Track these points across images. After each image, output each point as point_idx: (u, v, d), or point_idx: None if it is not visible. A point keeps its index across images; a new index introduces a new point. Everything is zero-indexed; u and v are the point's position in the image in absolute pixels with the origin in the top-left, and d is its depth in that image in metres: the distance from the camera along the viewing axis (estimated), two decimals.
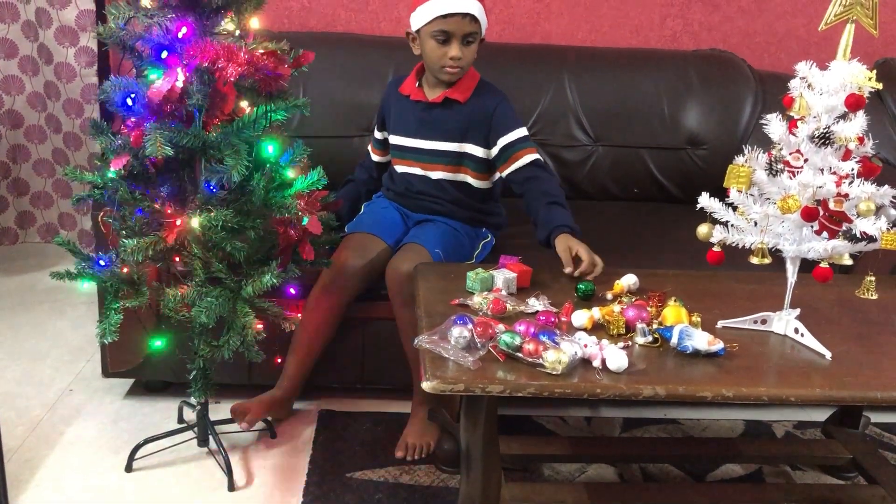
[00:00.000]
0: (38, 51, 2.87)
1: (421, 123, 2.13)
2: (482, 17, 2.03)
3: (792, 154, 1.47)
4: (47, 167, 3.04)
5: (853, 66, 1.44)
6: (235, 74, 1.55)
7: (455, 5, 1.98)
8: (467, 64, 2.06)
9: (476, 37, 2.04)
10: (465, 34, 2.01)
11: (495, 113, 2.08)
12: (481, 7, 2.02)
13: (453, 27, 1.99)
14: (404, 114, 2.15)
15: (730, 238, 1.52)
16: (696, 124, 2.70)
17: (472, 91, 2.11)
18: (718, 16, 2.98)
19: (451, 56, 2.02)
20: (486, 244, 2.21)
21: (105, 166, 1.69)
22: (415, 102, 2.14)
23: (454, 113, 2.10)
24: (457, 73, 2.06)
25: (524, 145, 2.09)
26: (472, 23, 2.00)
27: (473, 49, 2.05)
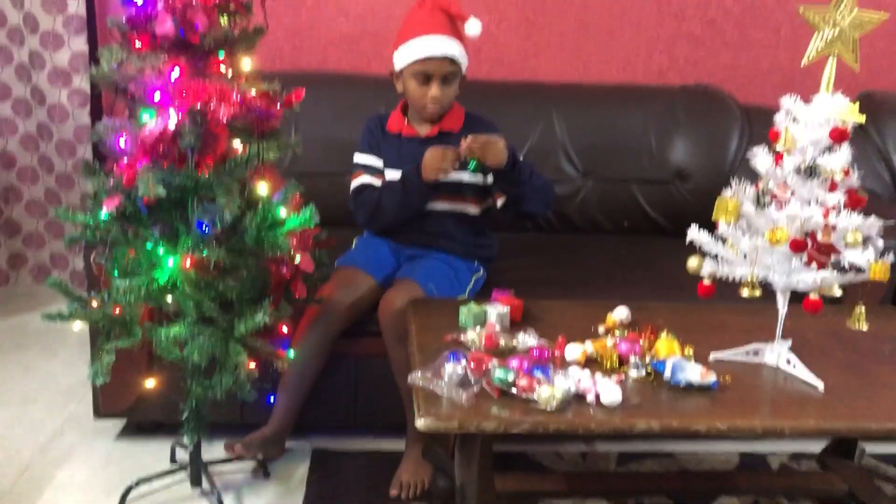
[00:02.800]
0: (31, 93, 2.90)
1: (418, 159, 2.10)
2: (462, 58, 2.07)
3: (779, 186, 1.49)
4: (39, 208, 3.05)
5: (836, 100, 1.47)
6: (228, 115, 1.56)
7: (434, 49, 2.03)
8: (448, 101, 2.12)
9: (456, 76, 2.09)
10: (444, 74, 2.06)
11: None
12: (461, 48, 2.07)
13: (433, 68, 2.05)
14: (398, 151, 2.15)
15: (720, 271, 1.53)
16: (684, 158, 2.73)
17: (462, 121, 2.16)
18: (703, 51, 3.03)
19: (432, 96, 2.07)
20: (479, 279, 2.21)
21: (97, 207, 1.69)
22: (408, 140, 2.16)
23: (451, 144, 2.09)
24: (437, 110, 2.11)
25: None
26: (451, 64, 2.06)
27: (454, 88, 2.11)
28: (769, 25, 3.02)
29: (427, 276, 2.05)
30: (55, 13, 2.78)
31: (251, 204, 1.71)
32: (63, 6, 2.77)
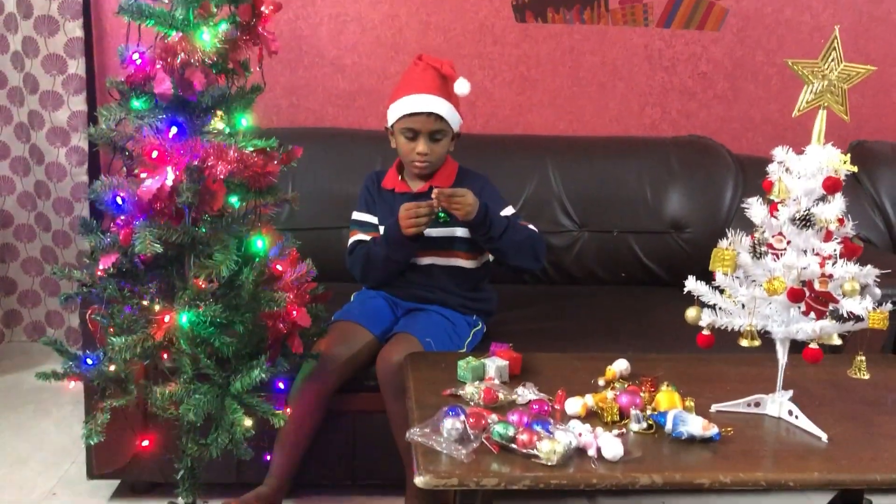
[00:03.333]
0: (29, 152, 2.92)
1: None
2: (450, 115, 2.10)
3: (775, 236, 1.49)
4: (36, 265, 3.04)
5: (828, 150, 1.48)
6: (225, 172, 1.57)
7: (420, 105, 2.07)
8: (437, 158, 2.13)
9: (444, 133, 2.11)
10: (431, 131, 2.08)
11: (482, 195, 2.10)
12: (450, 106, 2.10)
13: (419, 125, 2.08)
14: (391, 207, 2.16)
15: (718, 321, 1.53)
16: (679, 208, 2.74)
17: (454, 177, 2.18)
18: (695, 103, 3.08)
19: (418, 151, 2.10)
20: (478, 332, 2.20)
21: (94, 264, 1.69)
22: (400, 195, 2.18)
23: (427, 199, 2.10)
24: (426, 167, 2.13)
25: (517, 220, 2.16)
26: (438, 121, 2.08)
27: (443, 144, 2.13)
28: (759, 78, 3.07)
29: (425, 330, 2.04)
30: (55, 74, 2.81)
31: (248, 259, 1.70)
32: (63, 67, 2.81)
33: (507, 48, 2.98)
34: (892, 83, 3.10)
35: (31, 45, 2.80)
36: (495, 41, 2.97)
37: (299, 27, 2.92)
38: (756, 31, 3.02)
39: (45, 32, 2.78)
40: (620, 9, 2.97)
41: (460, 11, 2.93)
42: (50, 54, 2.80)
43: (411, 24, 2.93)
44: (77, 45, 2.80)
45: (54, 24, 2.77)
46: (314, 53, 2.95)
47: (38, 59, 2.80)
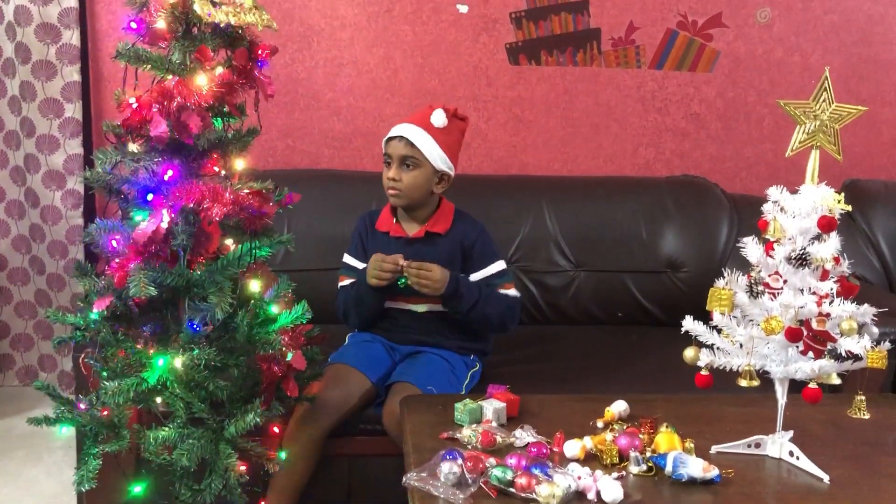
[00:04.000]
0: (25, 195, 2.92)
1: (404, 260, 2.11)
2: (421, 143, 2.06)
3: (771, 276, 1.49)
4: (29, 309, 3.03)
5: (822, 190, 1.49)
6: (220, 214, 1.57)
7: (394, 130, 2.09)
8: (408, 188, 2.09)
9: (415, 162, 2.07)
10: (401, 157, 2.07)
11: (475, 245, 2.14)
12: (423, 134, 2.06)
13: (391, 150, 2.09)
14: (385, 250, 2.13)
15: (716, 361, 1.52)
16: (675, 248, 2.75)
17: (451, 222, 2.17)
18: (689, 143, 3.10)
19: (388, 177, 2.08)
20: (475, 373, 2.18)
21: (88, 308, 1.68)
22: (395, 239, 2.16)
23: (436, 246, 2.13)
24: (397, 196, 2.10)
25: (502, 280, 2.16)
26: (408, 146, 2.06)
27: (415, 175, 2.08)
28: (751, 118, 3.10)
29: (425, 377, 2.02)
30: (52, 117, 2.83)
31: (243, 301, 1.70)
32: (60, 111, 2.82)
33: (502, 90, 3.01)
34: (882, 122, 3.14)
35: (28, 89, 2.82)
36: (489, 83, 3.00)
37: (295, 70, 2.94)
38: (747, 72, 3.06)
39: (42, 77, 2.80)
40: (613, 51, 3.01)
41: (455, 54, 2.97)
42: (47, 98, 2.82)
43: (406, 67, 2.96)
44: (74, 90, 2.81)
45: (52, 69, 2.80)
46: (310, 96, 2.97)
47: (35, 103, 2.82)
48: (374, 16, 2.93)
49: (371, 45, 2.95)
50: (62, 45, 2.78)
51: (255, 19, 1.65)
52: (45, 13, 2.75)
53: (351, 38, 2.94)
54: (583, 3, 2.96)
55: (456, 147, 2.15)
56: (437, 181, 2.13)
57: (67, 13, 2.76)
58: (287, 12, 2.89)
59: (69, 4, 2.75)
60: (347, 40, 2.94)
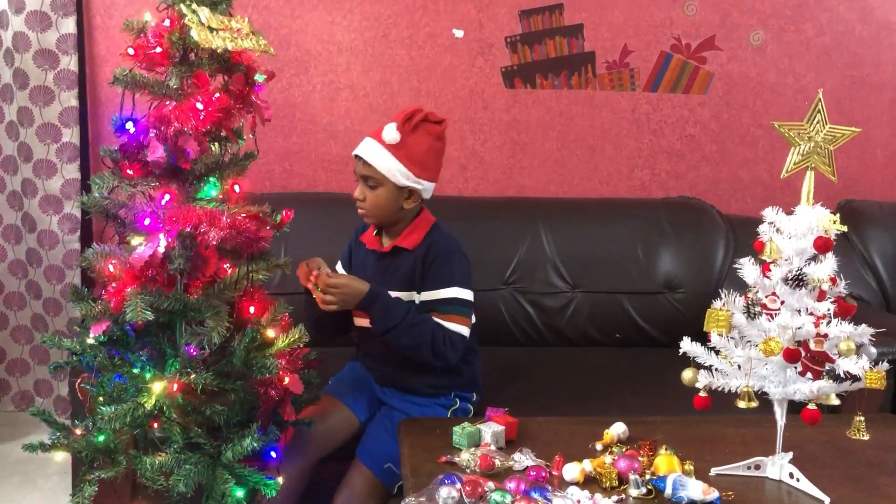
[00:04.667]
0: (22, 219, 2.92)
1: (374, 273, 2.06)
2: (377, 161, 1.95)
3: (768, 297, 1.49)
4: (25, 333, 3.01)
5: (817, 211, 1.50)
6: (217, 238, 1.57)
7: (356, 149, 2.01)
8: (371, 207, 1.99)
9: (376, 181, 1.96)
10: (363, 176, 1.99)
11: (433, 263, 1.99)
12: (380, 151, 1.95)
13: (356, 168, 2.01)
14: (360, 263, 2.11)
15: (715, 382, 1.51)
16: (672, 269, 2.75)
17: (421, 238, 2.03)
18: (684, 165, 3.11)
19: (354, 196, 2.02)
20: (458, 411, 2.07)
21: (84, 332, 1.68)
22: (369, 252, 2.10)
23: (402, 261, 2.03)
24: (365, 215, 2.03)
25: (450, 310, 1.96)
26: (366, 166, 1.97)
27: (378, 194, 1.97)
28: (746, 140, 3.11)
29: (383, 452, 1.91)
30: (49, 142, 2.84)
31: (240, 326, 1.69)
32: (57, 136, 2.83)
33: (497, 113, 3.03)
34: (876, 143, 3.16)
35: (26, 114, 2.82)
36: (485, 106, 3.02)
37: (293, 95, 2.96)
38: (741, 94, 3.08)
39: (40, 102, 2.81)
40: (607, 74, 3.03)
41: (451, 78, 2.99)
42: (44, 123, 2.83)
43: (403, 91, 2.98)
44: (72, 114, 2.82)
45: (49, 94, 2.81)
46: (307, 120, 2.98)
47: (32, 128, 2.83)
48: (370, 40, 2.95)
49: (368, 69, 2.97)
50: (60, 70, 2.79)
51: (253, 45, 1.66)
52: (43, 39, 2.77)
53: (348, 63, 2.96)
54: (577, 28, 2.99)
55: (427, 156, 1.99)
56: (405, 197, 2.00)
57: (66, 39, 2.78)
58: (284, 38, 2.91)
59: (68, 31, 2.77)
60: (344, 65, 2.96)
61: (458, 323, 1.96)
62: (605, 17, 2.99)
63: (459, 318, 1.96)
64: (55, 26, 2.76)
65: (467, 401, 2.11)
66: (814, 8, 3.04)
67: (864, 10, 3.06)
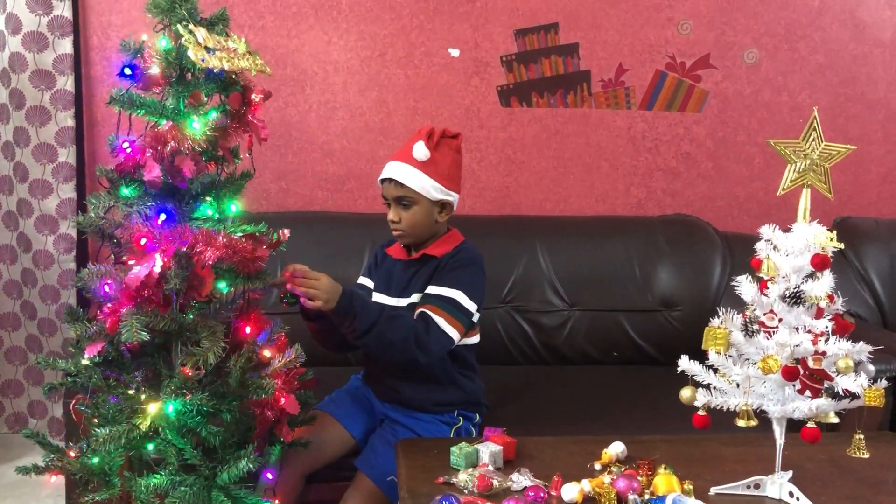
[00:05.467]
0: (17, 240, 2.91)
1: (400, 280, 2.08)
2: (410, 181, 1.98)
3: (766, 314, 1.49)
4: (20, 354, 3.00)
5: (814, 228, 1.50)
6: (213, 258, 1.57)
7: (385, 172, 2.03)
8: (408, 227, 2.02)
9: (412, 200, 2.00)
10: (396, 198, 2.01)
11: (448, 264, 2.02)
12: (411, 170, 1.98)
13: (386, 192, 2.04)
14: (386, 272, 2.12)
15: (713, 401, 1.51)
16: (669, 287, 2.75)
17: (450, 249, 2.06)
18: (680, 183, 3.12)
19: (389, 219, 2.04)
20: (461, 429, 2.07)
21: (79, 353, 1.66)
22: (396, 260, 2.11)
23: (428, 268, 2.05)
24: (401, 235, 2.05)
25: (446, 308, 1.95)
26: (398, 187, 1.99)
27: (414, 212, 2.01)
28: (742, 158, 3.13)
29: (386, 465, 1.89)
30: (45, 162, 2.83)
31: (236, 345, 1.68)
32: (54, 156, 2.83)
33: (493, 132, 3.03)
34: (871, 160, 3.17)
35: (22, 134, 2.83)
36: (481, 125, 3.03)
37: (289, 114, 2.96)
38: (737, 111, 3.10)
39: (36, 122, 2.81)
40: (603, 92, 3.05)
41: (447, 97, 3.00)
42: (41, 143, 2.83)
43: (399, 110, 2.99)
44: (68, 134, 2.83)
45: (46, 115, 2.81)
46: (303, 139, 2.99)
47: (28, 148, 2.83)
48: (366, 60, 2.96)
49: (364, 88, 2.97)
50: (57, 90, 2.80)
51: (249, 65, 1.66)
52: (40, 60, 2.77)
53: (344, 82, 2.97)
54: (572, 46, 3.00)
55: (452, 169, 2.05)
56: (438, 211, 2.04)
57: (63, 59, 2.78)
58: (281, 57, 2.92)
59: (64, 51, 2.78)
60: (341, 84, 2.97)
61: (449, 322, 1.94)
62: (599, 36, 3.00)
63: (452, 318, 1.95)
64: (52, 47, 2.77)
65: (470, 420, 2.10)
66: (807, 27, 3.06)
67: (855, 29, 3.08)
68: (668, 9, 3.01)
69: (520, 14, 2.97)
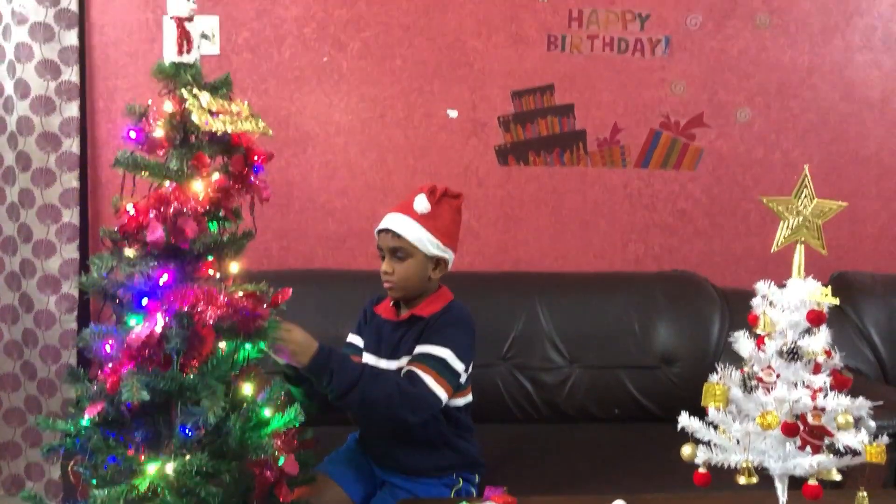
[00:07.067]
0: (19, 300, 2.92)
1: (388, 342, 2.07)
2: (407, 232, 2.00)
3: (764, 370, 1.49)
4: (18, 416, 2.98)
5: (809, 284, 1.51)
6: (215, 317, 1.58)
7: (382, 222, 2.05)
8: (401, 280, 2.02)
9: (406, 252, 2.00)
10: (391, 249, 2.01)
11: (436, 323, 2.01)
12: (409, 222, 2.00)
13: (381, 243, 2.04)
14: (374, 332, 2.12)
15: (714, 458, 1.50)
16: (668, 343, 2.75)
17: (439, 309, 2.05)
18: (677, 239, 3.15)
19: (382, 270, 2.03)
20: (460, 491, 2.05)
21: (79, 414, 1.66)
22: (385, 321, 2.11)
23: (416, 330, 2.04)
24: (391, 288, 2.04)
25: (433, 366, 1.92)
26: (395, 238, 2.00)
27: (408, 265, 2.01)
28: (737, 214, 3.16)
29: None
30: (49, 223, 2.87)
31: (236, 405, 1.68)
32: (57, 216, 2.86)
33: (492, 189, 3.07)
34: (866, 216, 3.20)
35: (27, 196, 2.86)
36: (479, 183, 3.07)
37: (291, 174, 3.01)
38: (731, 169, 3.14)
39: (41, 184, 2.85)
40: (599, 151, 3.10)
41: (446, 157, 3.05)
42: (45, 205, 2.86)
43: (399, 170, 3.04)
44: (72, 196, 2.86)
45: (51, 176, 2.85)
46: (305, 198, 3.03)
47: (33, 209, 2.86)
48: (367, 121, 3.02)
49: (365, 148, 3.03)
50: (62, 153, 2.85)
51: (252, 127, 1.70)
52: (47, 123, 2.83)
53: (345, 143, 3.02)
54: (568, 107, 3.06)
55: (450, 227, 2.06)
56: (432, 267, 2.05)
57: (69, 122, 2.84)
58: (283, 119, 2.98)
59: (71, 114, 2.84)
60: (342, 145, 3.02)
61: (436, 381, 1.91)
62: (594, 97, 3.07)
63: (440, 377, 1.92)
64: (59, 110, 2.83)
65: (470, 482, 2.08)
66: (797, 86, 3.13)
67: (845, 89, 3.14)
68: (660, 70, 3.08)
69: (516, 76, 3.04)
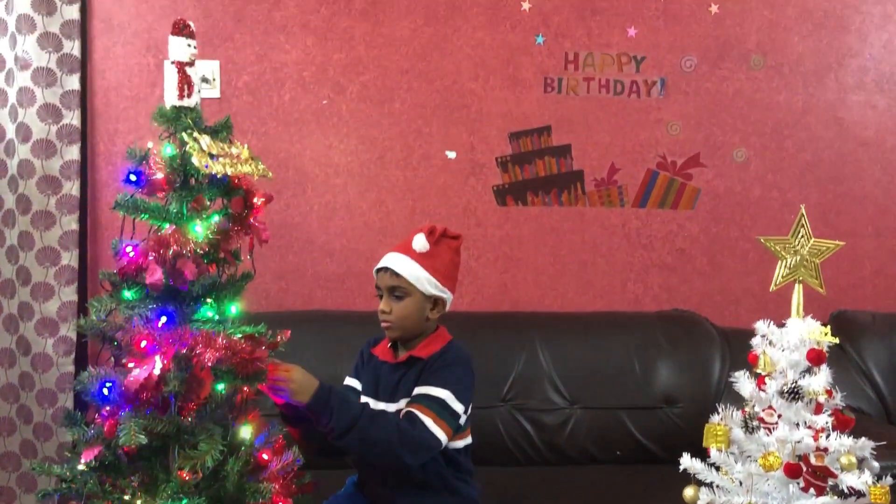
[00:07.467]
0: (16, 343, 2.91)
1: (387, 384, 2.04)
2: (406, 272, 1.98)
3: (765, 410, 1.49)
4: (13, 460, 2.94)
5: (808, 323, 1.51)
6: (213, 360, 1.57)
7: (381, 262, 2.03)
8: (398, 319, 1.99)
9: (404, 291, 1.99)
10: (389, 288, 2.00)
11: (434, 364, 1.98)
12: (408, 261, 1.99)
13: (380, 281, 2.02)
14: (372, 374, 2.09)
15: (717, 500, 1.49)
16: (669, 383, 2.73)
17: (437, 350, 2.02)
18: (676, 278, 3.15)
19: (379, 309, 2.01)
20: None
21: (75, 458, 1.64)
22: (382, 363, 2.08)
23: (414, 371, 2.01)
24: (389, 327, 2.01)
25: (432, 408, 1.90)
26: (393, 277, 1.98)
27: (405, 304, 1.99)
28: (736, 253, 3.17)
29: None
30: (48, 265, 2.86)
31: (233, 448, 1.67)
32: (56, 259, 2.87)
33: (490, 230, 3.09)
34: (864, 254, 3.21)
35: (26, 239, 2.87)
36: (478, 224, 3.08)
37: (290, 215, 3.02)
38: (728, 208, 3.16)
39: (41, 227, 2.86)
40: (596, 191, 3.11)
41: (444, 197, 3.06)
42: (44, 247, 2.86)
43: (398, 210, 3.05)
44: (72, 238, 2.87)
45: (51, 219, 2.86)
46: (304, 239, 3.03)
47: (32, 252, 2.86)
48: (366, 163, 3.04)
49: (364, 189, 3.04)
50: (62, 195, 2.86)
51: (252, 169, 1.71)
52: (47, 166, 2.84)
53: (344, 184, 3.04)
54: (565, 148, 3.09)
55: (449, 268, 2.05)
56: (430, 307, 2.03)
57: (69, 166, 2.85)
58: (283, 161, 3.00)
59: (72, 157, 2.85)
60: (341, 186, 3.04)
61: (436, 423, 1.89)
62: (591, 138, 3.09)
63: (439, 419, 1.89)
64: (60, 153, 2.85)
65: None
66: (793, 126, 3.16)
67: (839, 129, 3.17)
68: (656, 111, 3.11)
69: (513, 118, 3.07)
